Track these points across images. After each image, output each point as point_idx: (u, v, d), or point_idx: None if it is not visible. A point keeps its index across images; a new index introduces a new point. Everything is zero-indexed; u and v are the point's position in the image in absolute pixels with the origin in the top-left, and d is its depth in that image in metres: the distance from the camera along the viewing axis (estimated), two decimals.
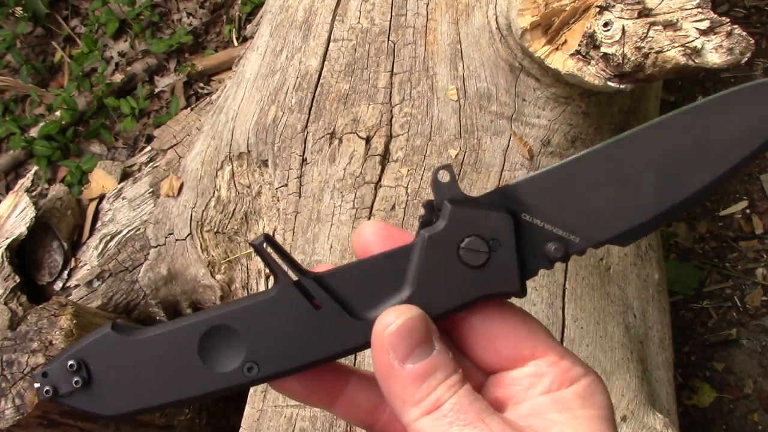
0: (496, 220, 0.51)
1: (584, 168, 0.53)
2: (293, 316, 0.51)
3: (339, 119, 1.30)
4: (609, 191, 0.52)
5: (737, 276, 2.15)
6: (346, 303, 0.51)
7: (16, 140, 2.39)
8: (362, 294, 0.51)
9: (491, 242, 0.51)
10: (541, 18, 1.04)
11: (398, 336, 0.49)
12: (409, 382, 0.48)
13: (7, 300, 1.51)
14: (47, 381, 0.50)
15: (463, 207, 0.52)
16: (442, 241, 0.51)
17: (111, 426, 1.43)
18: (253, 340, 0.50)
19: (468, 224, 0.51)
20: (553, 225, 0.52)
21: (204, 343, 0.50)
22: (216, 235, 1.51)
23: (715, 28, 0.93)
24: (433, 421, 0.47)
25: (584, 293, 1.20)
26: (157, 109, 2.52)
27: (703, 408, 2.00)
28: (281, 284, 0.51)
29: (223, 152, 1.48)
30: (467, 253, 0.51)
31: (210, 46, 2.62)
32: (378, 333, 0.49)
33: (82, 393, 0.50)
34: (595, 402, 0.50)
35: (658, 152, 0.52)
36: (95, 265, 1.65)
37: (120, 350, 0.50)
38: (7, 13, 2.62)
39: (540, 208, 0.52)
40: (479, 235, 0.51)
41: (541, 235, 0.52)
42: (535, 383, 0.51)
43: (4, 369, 1.30)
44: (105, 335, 0.51)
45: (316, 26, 1.39)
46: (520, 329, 0.52)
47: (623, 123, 1.31)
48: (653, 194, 0.52)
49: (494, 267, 0.51)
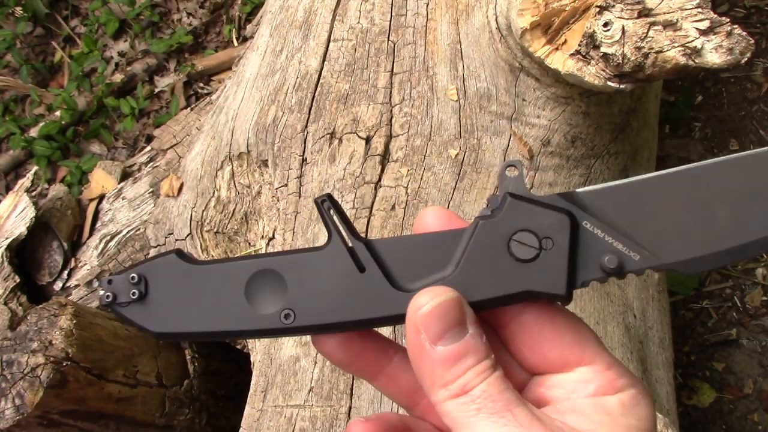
0: (552, 219, 0.51)
1: (657, 188, 0.52)
2: (337, 274, 0.52)
3: (339, 119, 1.30)
4: (680, 215, 0.51)
5: (737, 276, 2.15)
6: (390, 272, 0.52)
7: (16, 140, 2.39)
8: (407, 266, 0.52)
9: (544, 240, 0.50)
10: (541, 18, 1.04)
11: (431, 317, 0.48)
12: (438, 364, 0.48)
13: (7, 300, 1.51)
14: (110, 288, 0.53)
15: (522, 201, 0.52)
16: (494, 229, 0.51)
17: (111, 426, 1.43)
18: (295, 288, 0.52)
19: (524, 218, 0.51)
20: (613, 238, 0.51)
21: (251, 283, 0.52)
22: (216, 235, 1.51)
23: (715, 28, 0.93)
24: (461, 405, 0.47)
25: (584, 293, 1.20)
26: (157, 109, 2.52)
27: (703, 408, 2.00)
28: (333, 241, 0.52)
29: (223, 152, 1.48)
30: (517, 246, 0.50)
31: (210, 46, 2.62)
32: (411, 312, 0.49)
33: (136, 306, 0.53)
34: (638, 413, 0.50)
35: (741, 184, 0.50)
36: (95, 265, 1.65)
37: (178, 274, 0.53)
38: (7, 13, 2.62)
39: (604, 220, 0.51)
40: (532, 231, 0.50)
41: (599, 246, 0.51)
42: (579, 388, 0.50)
43: (4, 369, 1.30)
44: (168, 257, 0.54)
45: (316, 26, 1.39)
46: (568, 335, 0.51)
47: (623, 123, 1.31)
48: (729, 226, 0.50)
49: (542, 265, 0.50)
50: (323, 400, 1.10)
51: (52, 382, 1.28)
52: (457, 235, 0.52)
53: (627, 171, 1.35)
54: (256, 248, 1.41)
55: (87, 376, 1.34)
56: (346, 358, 0.55)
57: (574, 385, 0.50)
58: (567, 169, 1.25)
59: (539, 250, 0.50)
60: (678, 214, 0.51)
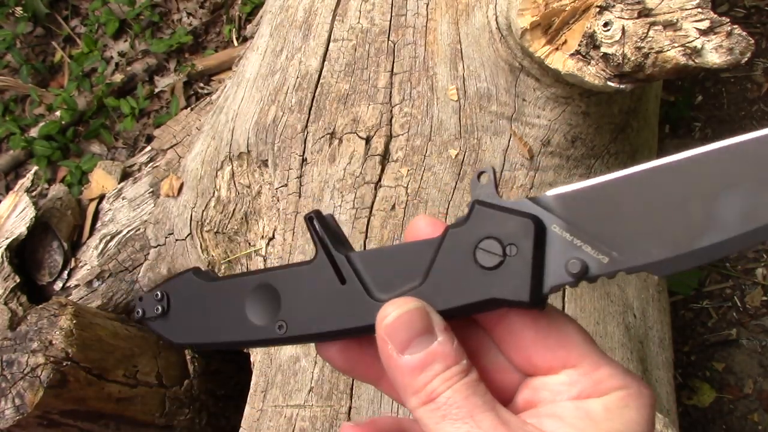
0: (516, 225, 0.50)
1: (628, 187, 0.49)
2: (323, 286, 0.54)
3: (339, 119, 1.30)
4: (652, 214, 0.48)
5: (737, 276, 2.15)
6: (367, 283, 0.53)
7: (16, 140, 2.39)
8: (383, 278, 0.53)
9: (508, 247, 0.50)
10: (541, 18, 1.04)
11: (396, 327, 0.49)
12: (407, 372, 0.49)
13: (7, 300, 1.51)
14: (141, 304, 0.60)
15: (488, 208, 0.51)
16: (461, 237, 0.51)
17: (111, 426, 1.43)
18: (288, 301, 0.55)
19: (489, 225, 0.51)
20: (582, 241, 0.49)
21: (252, 297, 0.56)
22: (216, 235, 1.51)
23: (715, 28, 0.93)
24: (429, 412, 0.48)
25: (584, 293, 1.20)
26: (157, 109, 2.52)
27: (703, 408, 2.00)
28: (319, 256, 0.55)
29: (223, 152, 1.48)
30: (482, 254, 0.50)
31: (210, 46, 2.62)
32: (378, 324, 0.50)
33: (161, 320, 0.59)
34: (624, 417, 0.49)
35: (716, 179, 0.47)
36: (95, 265, 1.65)
37: (194, 290, 0.59)
38: (7, 13, 2.62)
39: (574, 222, 0.49)
40: (497, 238, 0.50)
41: (568, 249, 0.49)
42: (563, 391, 0.50)
43: (4, 369, 1.30)
44: (186, 276, 0.59)
45: (316, 26, 1.39)
46: (551, 337, 0.51)
47: (623, 123, 1.31)
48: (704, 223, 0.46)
49: (506, 272, 0.49)
50: (323, 400, 1.10)
51: (52, 382, 1.28)
52: (430, 245, 0.52)
53: None
54: (257, 248, 1.41)
55: (87, 376, 1.34)
56: (346, 365, 0.56)
57: (558, 387, 0.50)
58: (567, 169, 1.25)
59: (503, 257, 0.50)
60: (650, 213, 0.48)
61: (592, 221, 0.49)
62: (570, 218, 0.50)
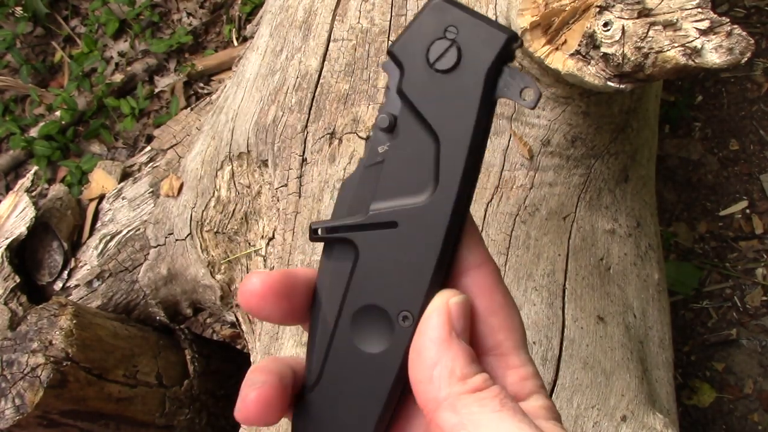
0: (432, 14, 0.48)
1: None
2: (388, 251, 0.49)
3: (339, 119, 1.30)
4: None
5: (737, 276, 2.15)
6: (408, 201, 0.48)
7: (16, 140, 2.39)
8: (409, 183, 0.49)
9: (447, 33, 0.47)
10: (541, 18, 1.04)
11: (461, 310, 0.48)
12: (462, 355, 0.47)
13: (7, 300, 1.51)
14: None
15: (399, 38, 0.49)
16: (415, 77, 0.48)
17: (110, 426, 1.43)
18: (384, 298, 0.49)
19: (417, 43, 0.48)
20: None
21: (359, 340, 0.49)
22: (216, 235, 1.51)
23: (715, 28, 0.93)
24: (482, 399, 0.46)
25: (584, 293, 1.20)
26: (157, 109, 2.52)
27: (703, 408, 2.00)
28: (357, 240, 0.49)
29: (223, 152, 1.48)
30: (441, 62, 0.47)
31: (210, 46, 2.62)
32: (443, 300, 0.48)
33: None
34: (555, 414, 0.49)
35: None
36: (95, 265, 1.65)
37: (313, 413, 0.51)
38: (7, 13, 2.62)
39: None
40: (433, 39, 0.47)
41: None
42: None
43: (4, 369, 1.30)
44: (296, 412, 0.51)
45: (316, 26, 1.39)
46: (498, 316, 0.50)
47: (623, 123, 1.31)
48: None
49: (469, 46, 0.47)
50: None
51: (52, 382, 1.28)
52: (401, 126, 0.49)
53: (627, 171, 1.35)
54: (257, 248, 1.41)
55: (87, 376, 1.35)
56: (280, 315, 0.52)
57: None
58: (567, 169, 1.25)
59: (454, 42, 0.47)
60: None
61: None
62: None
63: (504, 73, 0.47)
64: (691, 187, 2.27)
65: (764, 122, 2.33)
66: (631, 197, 1.35)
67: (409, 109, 0.49)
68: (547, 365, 1.10)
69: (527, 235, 1.20)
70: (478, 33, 0.47)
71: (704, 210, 2.26)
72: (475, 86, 0.47)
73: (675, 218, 2.25)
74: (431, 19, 0.48)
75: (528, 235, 1.20)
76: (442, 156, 0.48)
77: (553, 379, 1.10)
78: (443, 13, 0.48)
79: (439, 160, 0.48)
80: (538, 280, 1.16)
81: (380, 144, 0.50)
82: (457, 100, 0.47)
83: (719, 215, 2.24)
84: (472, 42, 0.47)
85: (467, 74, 0.47)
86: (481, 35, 0.47)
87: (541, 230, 1.21)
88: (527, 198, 1.22)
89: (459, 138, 0.47)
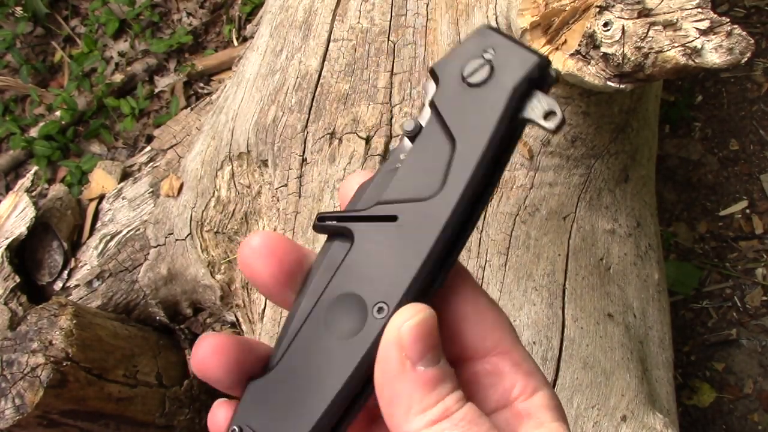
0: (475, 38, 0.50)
1: None
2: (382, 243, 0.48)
3: (339, 119, 1.30)
4: None
5: (737, 276, 2.15)
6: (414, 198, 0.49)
7: (16, 140, 2.39)
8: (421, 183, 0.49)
9: (484, 54, 0.49)
10: (541, 18, 1.04)
11: (416, 333, 0.44)
12: (419, 386, 0.44)
13: (7, 300, 1.51)
14: None
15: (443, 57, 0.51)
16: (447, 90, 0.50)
17: (110, 426, 1.43)
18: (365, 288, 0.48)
19: (456, 61, 0.50)
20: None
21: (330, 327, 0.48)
22: (216, 235, 1.51)
23: (715, 28, 0.93)
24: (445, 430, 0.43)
25: (584, 293, 1.20)
26: (157, 109, 2.52)
27: (703, 408, 2.00)
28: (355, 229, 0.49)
29: (223, 152, 1.48)
30: (473, 77, 0.49)
31: (210, 46, 2.62)
32: (393, 328, 0.45)
33: None
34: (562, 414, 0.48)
35: None
36: (95, 265, 1.65)
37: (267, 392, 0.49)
38: (7, 13, 2.62)
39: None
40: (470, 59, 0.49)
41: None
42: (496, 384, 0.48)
43: (4, 369, 1.30)
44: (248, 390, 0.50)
45: (316, 26, 1.39)
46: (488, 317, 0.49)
47: (623, 123, 1.31)
48: None
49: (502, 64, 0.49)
50: None
51: (52, 382, 1.28)
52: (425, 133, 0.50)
53: (627, 171, 1.35)
54: None
55: (87, 376, 1.34)
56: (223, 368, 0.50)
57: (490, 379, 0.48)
58: (567, 169, 1.25)
59: (489, 62, 0.49)
60: None
61: None
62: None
63: (533, 97, 0.49)
64: (691, 187, 2.27)
65: (764, 122, 2.33)
66: (631, 197, 1.35)
67: (436, 119, 0.50)
68: (547, 365, 1.10)
69: (527, 235, 1.20)
70: (511, 54, 0.49)
71: (704, 210, 2.26)
72: (499, 100, 0.48)
73: (675, 218, 2.25)
74: (473, 42, 0.50)
75: (528, 235, 1.20)
76: (454, 160, 0.48)
77: (553, 379, 1.10)
78: (485, 38, 0.50)
79: (452, 163, 0.48)
80: (538, 280, 1.16)
81: (403, 152, 0.51)
82: (480, 111, 0.49)
83: (719, 215, 2.24)
84: (505, 61, 0.49)
85: (494, 89, 0.49)
86: (514, 56, 0.49)
87: (541, 230, 1.21)
88: (527, 198, 1.22)
89: (474, 145, 0.48)
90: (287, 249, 0.50)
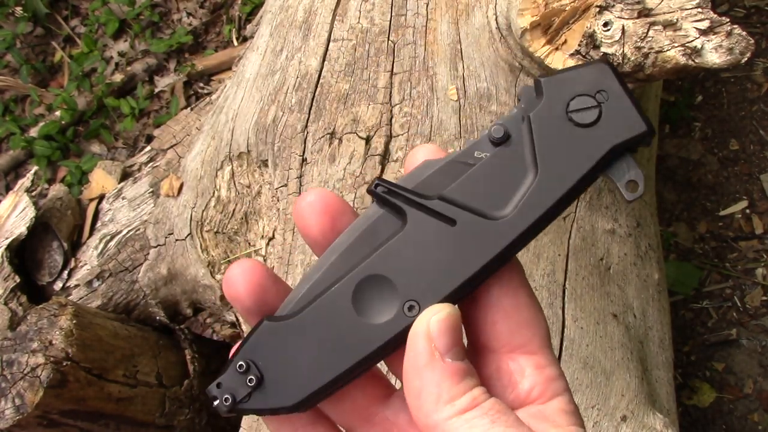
0: (593, 72, 0.50)
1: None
2: (433, 241, 0.49)
3: (339, 119, 1.30)
4: None
5: (737, 276, 2.15)
6: (478, 209, 0.49)
7: (16, 140, 2.39)
8: (489, 195, 0.49)
9: (597, 95, 0.49)
10: (541, 18, 1.04)
11: (445, 326, 0.46)
12: (448, 376, 0.45)
13: (7, 300, 1.52)
14: (223, 390, 0.51)
15: (555, 76, 0.51)
16: (548, 113, 0.50)
17: (110, 426, 1.43)
18: (402, 279, 0.49)
19: (567, 88, 0.50)
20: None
21: (358, 302, 0.49)
22: (216, 235, 1.51)
23: (715, 28, 0.93)
24: (471, 420, 0.44)
25: (584, 293, 1.20)
26: (157, 109, 2.52)
27: (703, 408, 2.00)
28: (410, 217, 0.49)
29: (223, 152, 1.48)
30: (577, 115, 0.49)
31: (210, 46, 2.62)
32: (423, 320, 0.47)
33: (258, 392, 0.50)
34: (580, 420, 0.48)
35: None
36: (95, 265, 1.65)
37: (280, 337, 0.50)
38: (7, 13, 2.62)
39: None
40: (582, 94, 0.49)
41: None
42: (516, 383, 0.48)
43: (4, 369, 1.30)
44: (261, 328, 0.50)
45: (316, 26, 1.39)
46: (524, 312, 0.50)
47: None
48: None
49: (610, 117, 0.49)
50: None
51: (52, 382, 1.28)
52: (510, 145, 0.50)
53: None
54: (256, 248, 1.41)
55: (87, 376, 1.35)
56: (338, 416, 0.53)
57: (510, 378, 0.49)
58: None
59: (599, 105, 0.49)
60: None
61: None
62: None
63: (624, 159, 0.50)
64: (691, 187, 2.28)
65: (764, 122, 2.33)
66: None
67: (526, 137, 0.50)
68: None
69: None
70: (623, 110, 0.49)
71: (704, 210, 2.26)
72: (596, 153, 0.49)
73: (675, 218, 2.25)
74: (590, 75, 0.50)
75: None
76: (532, 190, 0.49)
77: None
78: (603, 77, 0.50)
79: (528, 193, 0.49)
80: (538, 280, 1.16)
81: (480, 150, 0.51)
82: (573, 154, 0.49)
83: (719, 215, 2.24)
84: (614, 115, 0.49)
85: (595, 139, 0.49)
86: (625, 114, 0.49)
87: None
88: None
89: (556, 186, 0.49)
90: (340, 209, 0.52)
